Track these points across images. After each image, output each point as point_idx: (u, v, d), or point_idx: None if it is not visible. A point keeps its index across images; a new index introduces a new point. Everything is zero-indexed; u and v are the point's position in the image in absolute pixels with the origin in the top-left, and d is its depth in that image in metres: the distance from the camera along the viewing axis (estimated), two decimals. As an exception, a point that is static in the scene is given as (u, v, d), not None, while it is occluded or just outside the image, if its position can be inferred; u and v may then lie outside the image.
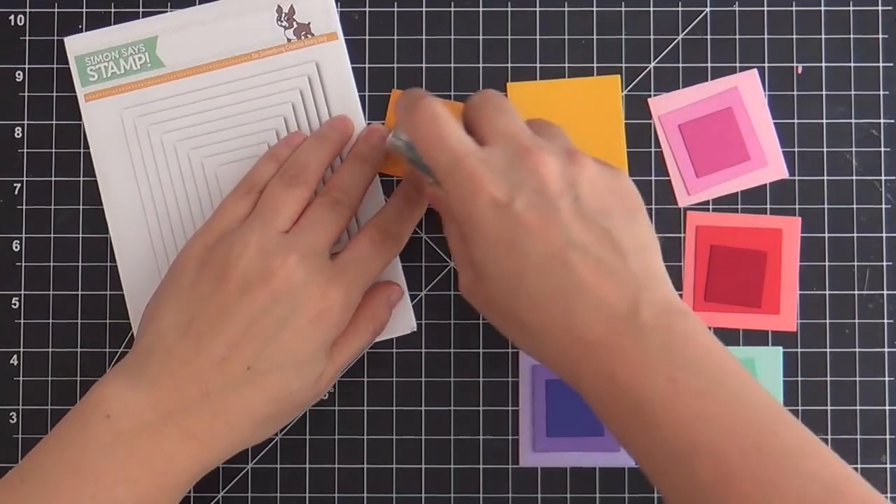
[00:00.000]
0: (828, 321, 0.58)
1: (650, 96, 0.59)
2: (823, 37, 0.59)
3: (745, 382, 0.43)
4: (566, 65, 0.59)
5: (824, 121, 0.59)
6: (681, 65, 0.59)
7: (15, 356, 0.58)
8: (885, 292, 0.58)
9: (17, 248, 0.58)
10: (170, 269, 0.53)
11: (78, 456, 0.47)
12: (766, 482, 0.40)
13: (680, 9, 0.59)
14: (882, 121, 0.59)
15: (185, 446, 0.48)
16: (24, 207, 0.59)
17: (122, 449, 0.47)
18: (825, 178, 0.58)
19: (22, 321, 0.58)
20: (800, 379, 0.58)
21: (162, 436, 0.48)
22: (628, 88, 0.59)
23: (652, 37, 0.59)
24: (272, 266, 0.50)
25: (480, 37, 0.59)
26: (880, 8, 0.59)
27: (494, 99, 0.51)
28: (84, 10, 0.59)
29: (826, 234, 0.58)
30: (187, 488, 0.50)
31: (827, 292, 0.58)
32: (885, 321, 0.58)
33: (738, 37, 0.59)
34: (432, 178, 0.51)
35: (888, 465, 0.58)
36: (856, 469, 0.57)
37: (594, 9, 0.59)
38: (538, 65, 0.59)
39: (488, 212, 0.46)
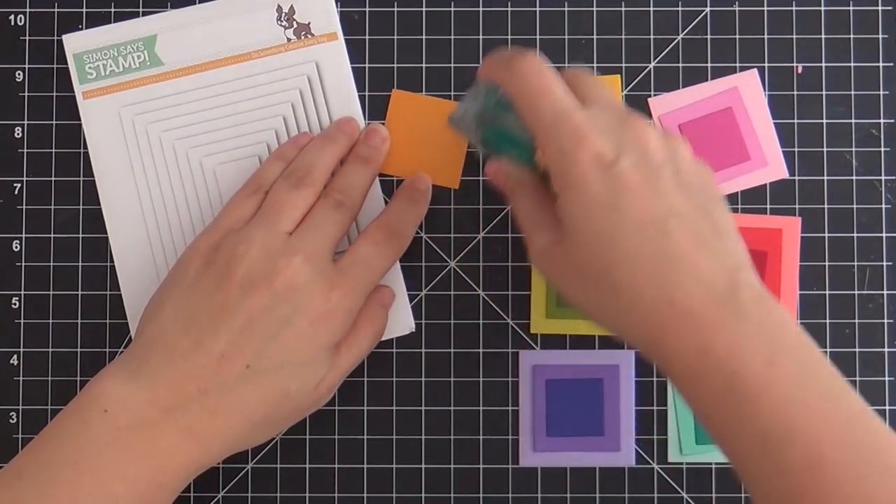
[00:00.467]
0: (828, 321, 0.58)
1: (650, 96, 0.59)
2: (823, 37, 0.59)
3: (837, 379, 0.43)
4: (566, 65, 0.59)
5: (824, 121, 0.59)
6: (681, 65, 0.59)
7: (15, 356, 0.58)
8: (885, 292, 0.58)
9: (17, 248, 0.58)
10: (174, 265, 0.53)
11: (75, 452, 0.47)
12: (856, 473, 0.40)
13: (680, 9, 0.59)
14: (882, 121, 0.59)
15: (183, 444, 0.48)
16: (24, 207, 0.59)
17: (119, 445, 0.47)
18: (825, 178, 0.58)
19: (22, 321, 0.58)
20: (799, 379, 0.58)
21: (160, 432, 0.48)
22: (628, 88, 0.59)
23: (652, 37, 0.59)
24: (277, 266, 0.50)
25: (480, 37, 0.59)
26: (880, 8, 0.59)
27: (589, 73, 0.51)
28: (84, 9, 0.59)
29: (826, 234, 0.58)
30: (184, 485, 0.50)
31: (827, 292, 0.58)
32: (885, 321, 0.58)
33: (738, 37, 0.59)
34: (505, 153, 0.51)
35: (887, 465, 0.58)
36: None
37: (594, 9, 0.59)
38: (538, 65, 0.59)
39: (591, 167, 0.45)
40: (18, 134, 0.59)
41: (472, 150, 0.58)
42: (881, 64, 0.59)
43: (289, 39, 0.58)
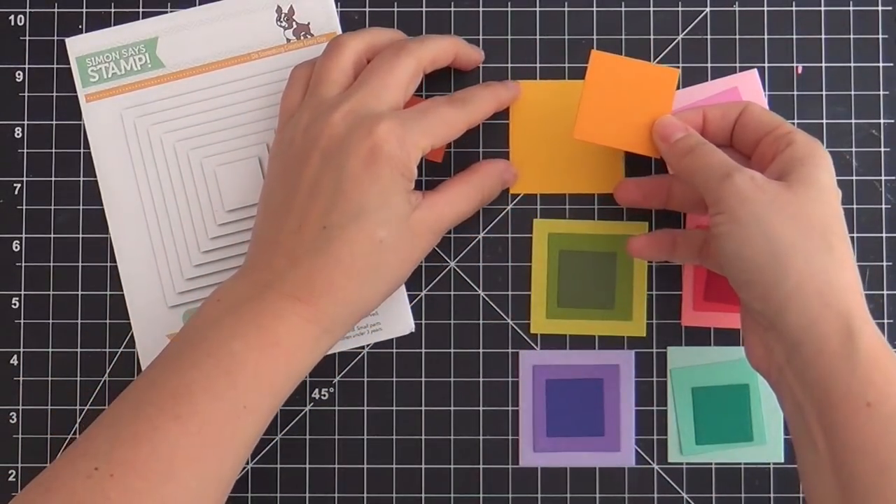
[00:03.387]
0: (828, 321, 0.58)
1: (650, 96, 0.59)
2: (823, 37, 0.59)
3: None
4: (566, 65, 0.59)
5: (824, 121, 0.59)
6: (681, 65, 0.59)
7: (15, 356, 0.58)
8: (885, 292, 0.58)
9: (17, 248, 0.59)
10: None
11: (193, 331, 0.50)
12: None
13: (680, 9, 0.59)
14: (882, 121, 0.59)
15: (289, 305, 0.49)
16: (24, 207, 0.59)
17: (231, 316, 0.49)
18: (825, 178, 0.58)
19: (22, 321, 0.58)
20: (800, 379, 0.58)
21: (264, 300, 0.50)
22: (628, 88, 0.59)
23: (652, 37, 0.59)
24: (320, 129, 0.51)
25: (480, 37, 0.59)
26: (880, 8, 0.59)
27: None
28: (84, 10, 0.59)
29: (826, 234, 0.58)
30: (309, 356, 0.50)
31: (827, 292, 0.58)
32: (885, 321, 0.58)
33: (738, 37, 0.59)
34: None
35: (888, 466, 0.57)
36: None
37: (594, 9, 0.59)
38: (538, 65, 0.59)
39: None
40: (18, 134, 0.59)
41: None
42: (881, 64, 0.59)
43: (288, 40, 0.59)
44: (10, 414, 0.58)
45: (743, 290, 0.49)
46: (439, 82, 0.59)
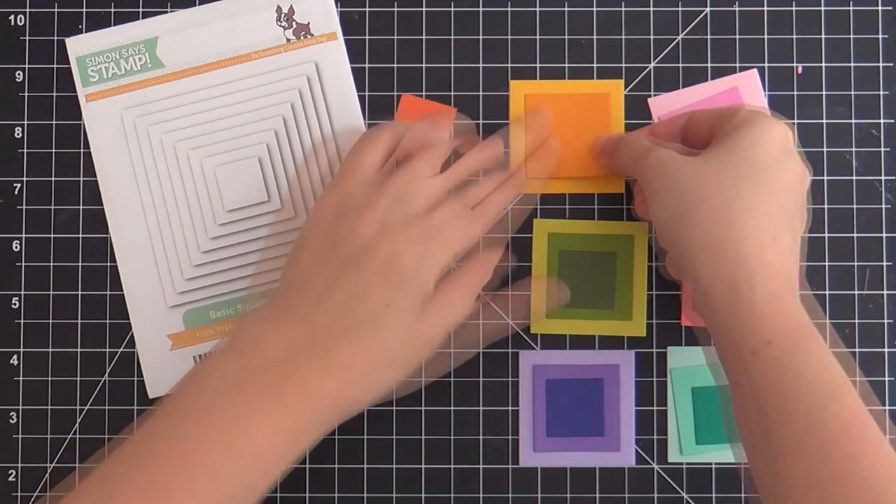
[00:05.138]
0: (828, 321, 0.58)
1: (650, 96, 0.59)
2: (823, 37, 0.59)
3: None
4: (566, 65, 0.59)
5: (824, 121, 0.59)
6: (681, 65, 0.59)
7: (15, 356, 0.58)
8: (885, 292, 0.58)
9: (17, 248, 0.59)
10: (310, 216, 0.54)
11: (211, 393, 0.47)
12: None
13: (680, 9, 0.59)
14: (882, 121, 0.59)
15: (317, 382, 0.48)
16: (24, 207, 0.59)
17: (254, 384, 0.47)
18: (825, 178, 0.58)
19: (22, 321, 0.58)
20: (800, 379, 0.58)
21: (294, 370, 0.47)
22: (628, 88, 0.59)
23: (652, 37, 0.59)
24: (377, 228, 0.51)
25: (480, 37, 0.59)
26: (880, 8, 0.59)
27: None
28: (84, 10, 0.59)
29: (826, 234, 0.58)
30: (328, 426, 0.49)
31: (827, 292, 0.58)
32: (885, 321, 0.58)
33: (738, 37, 0.59)
34: None
35: (888, 466, 0.57)
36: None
37: (594, 9, 0.59)
38: (538, 65, 0.59)
39: None
40: (18, 134, 0.59)
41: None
42: (881, 64, 0.59)
43: (288, 40, 0.59)
44: (10, 414, 0.58)
45: (670, 254, 0.51)
46: (439, 83, 0.59)
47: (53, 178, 0.59)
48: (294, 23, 0.59)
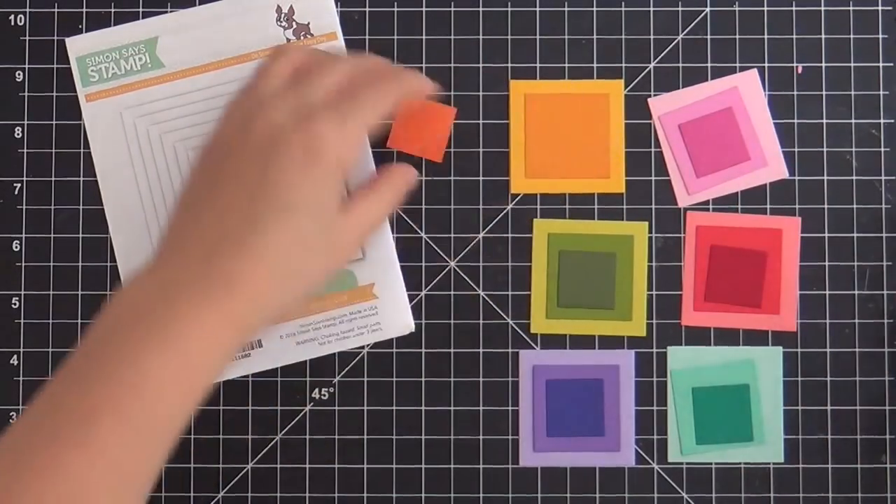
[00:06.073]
0: (828, 321, 0.58)
1: (650, 96, 0.59)
2: (823, 37, 0.59)
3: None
4: (566, 65, 0.59)
5: (824, 121, 0.59)
6: (681, 65, 0.59)
7: (15, 356, 0.58)
8: (885, 292, 0.58)
9: (17, 248, 0.59)
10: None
11: (95, 343, 0.45)
12: None
13: (680, 9, 0.59)
14: (882, 121, 0.59)
15: (201, 308, 0.45)
16: (24, 207, 0.59)
17: (136, 326, 0.44)
18: (825, 178, 0.58)
19: (22, 321, 0.58)
20: (800, 379, 0.58)
21: (173, 304, 0.45)
22: (628, 88, 0.59)
23: (652, 37, 0.59)
24: (252, 121, 0.49)
25: (480, 37, 0.59)
26: (880, 8, 0.59)
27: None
28: (84, 10, 0.59)
29: (826, 234, 0.58)
30: (221, 362, 0.46)
31: (827, 292, 0.58)
32: (885, 321, 0.58)
33: (738, 37, 0.59)
34: None
35: (888, 465, 0.58)
36: (855, 469, 0.57)
37: (594, 9, 0.59)
38: (538, 65, 0.59)
39: None
40: (18, 134, 0.59)
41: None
42: (881, 64, 0.59)
43: (288, 40, 0.59)
44: (11, 414, 0.58)
45: None
46: (439, 82, 0.59)
47: (53, 178, 0.59)
48: (294, 23, 0.59)
